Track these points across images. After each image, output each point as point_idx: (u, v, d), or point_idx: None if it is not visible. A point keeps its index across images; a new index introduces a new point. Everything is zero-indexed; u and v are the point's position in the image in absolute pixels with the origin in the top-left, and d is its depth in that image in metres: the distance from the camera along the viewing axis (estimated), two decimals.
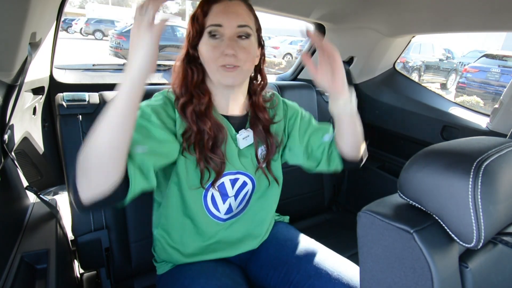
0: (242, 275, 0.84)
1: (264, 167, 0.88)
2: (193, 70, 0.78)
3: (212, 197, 0.83)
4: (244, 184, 0.86)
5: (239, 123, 0.85)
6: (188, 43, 0.78)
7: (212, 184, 0.80)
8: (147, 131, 0.68)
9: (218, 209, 0.85)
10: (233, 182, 0.84)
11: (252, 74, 0.86)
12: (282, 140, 0.91)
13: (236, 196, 0.85)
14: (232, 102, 0.83)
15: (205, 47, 0.74)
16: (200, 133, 0.77)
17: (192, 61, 0.78)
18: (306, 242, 0.91)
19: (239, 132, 0.84)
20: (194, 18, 0.75)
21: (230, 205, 0.85)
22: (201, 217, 0.84)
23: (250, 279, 0.92)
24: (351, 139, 0.83)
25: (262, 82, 0.87)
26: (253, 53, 0.77)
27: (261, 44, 0.82)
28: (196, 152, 0.77)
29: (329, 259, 0.83)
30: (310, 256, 0.84)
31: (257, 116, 0.86)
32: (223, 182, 0.83)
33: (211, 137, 0.77)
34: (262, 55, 0.85)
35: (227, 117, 0.83)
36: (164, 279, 0.88)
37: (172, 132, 0.74)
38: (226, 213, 0.86)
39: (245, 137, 0.84)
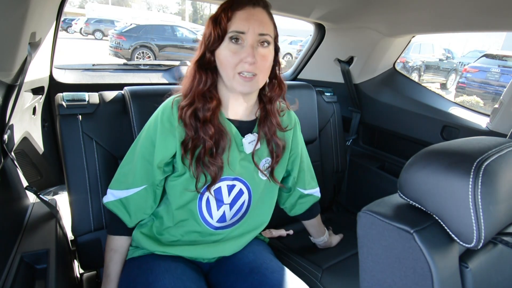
0: (206, 283, 0.83)
1: (269, 175, 0.89)
2: (202, 76, 0.78)
3: (207, 201, 0.83)
4: (241, 192, 0.85)
5: (246, 128, 0.86)
6: (205, 46, 0.77)
7: (208, 188, 0.80)
8: (151, 173, 0.80)
9: (211, 215, 0.84)
10: (230, 188, 0.84)
11: (267, 81, 0.85)
12: (287, 147, 0.92)
13: (231, 205, 0.85)
14: (242, 107, 0.84)
15: (224, 52, 0.75)
16: (200, 140, 0.77)
17: (204, 65, 0.78)
18: (269, 269, 0.85)
19: (245, 136, 0.84)
20: (216, 22, 0.75)
21: (224, 213, 0.85)
22: (193, 219, 0.84)
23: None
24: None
25: (280, 90, 0.86)
26: (271, 61, 0.79)
27: (276, 51, 0.82)
28: (194, 158, 0.77)
29: None
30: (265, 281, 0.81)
31: (267, 120, 0.85)
32: (220, 187, 0.83)
33: (211, 144, 0.77)
34: (277, 62, 0.84)
35: (234, 122, 0.84)
36: (131, 265, 0.85)
37: (173, 148, 0.79)
38: (218, 221, 0.85)
39: (251, 141, 0.84)
